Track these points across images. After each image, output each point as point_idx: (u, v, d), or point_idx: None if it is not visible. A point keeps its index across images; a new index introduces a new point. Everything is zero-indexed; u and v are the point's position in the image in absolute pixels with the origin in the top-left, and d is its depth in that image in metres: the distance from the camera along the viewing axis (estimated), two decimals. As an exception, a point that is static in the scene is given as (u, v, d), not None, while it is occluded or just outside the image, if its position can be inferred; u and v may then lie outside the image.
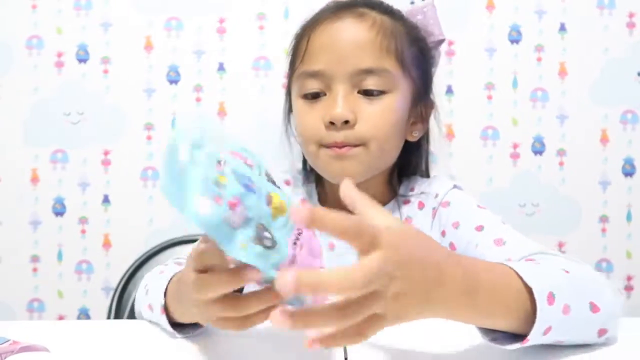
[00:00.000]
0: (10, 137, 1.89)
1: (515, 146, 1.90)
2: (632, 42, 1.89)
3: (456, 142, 1.90)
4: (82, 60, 1.90)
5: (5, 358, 0.63)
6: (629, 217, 1.91)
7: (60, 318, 1.89)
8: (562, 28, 1.90)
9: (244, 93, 1.87)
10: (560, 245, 1.90)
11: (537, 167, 1.90)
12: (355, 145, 0.88)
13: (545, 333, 0.65)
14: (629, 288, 1.90)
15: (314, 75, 0.88)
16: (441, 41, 0.98)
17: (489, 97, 1.90)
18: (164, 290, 0.74)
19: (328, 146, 0.89)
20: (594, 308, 0.69)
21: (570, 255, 0.78)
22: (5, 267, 1.90)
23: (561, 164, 1.90)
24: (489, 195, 1.88)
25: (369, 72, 0.87)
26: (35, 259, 1.90)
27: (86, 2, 1.89)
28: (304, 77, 0.89)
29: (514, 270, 0.64)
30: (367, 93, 0.89)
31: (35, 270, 1.90)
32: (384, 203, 0.99)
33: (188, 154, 0.52)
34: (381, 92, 0.89)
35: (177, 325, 0.74)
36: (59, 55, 1.89)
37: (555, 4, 1.89)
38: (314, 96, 0.89)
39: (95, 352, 0.71)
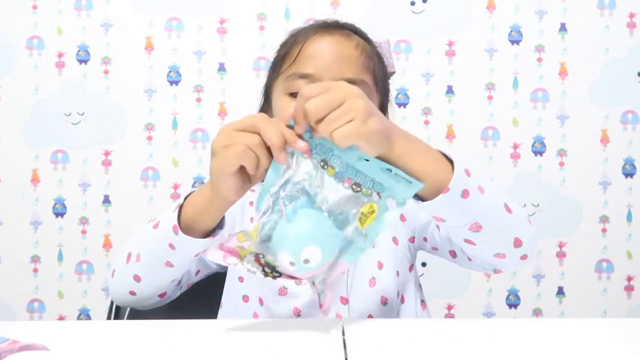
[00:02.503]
0: (10, 138, 1.89)
1: (515, 146, 1.90)
2: (632, 43, 1.89)
3: (456, 142, 1.90)
4: (83, 60, 1.90)
5: (4, 357, 0.63)
6: (629, 218, 1.90)
7: (61, 318, 1.89)
8: (563, 28, 1.90)
9: (244, 93, 1.87)
10: (561, 245, 1.90)
11: (538, 167, 1.90)
12: None
13: (464, 196, 0.77)
14: (629, 288, 1.90)
15: (304, 76, 0.96)
16: (392, 73, 1.09)
17: (490, 98, 1.90)
18: (185, 196, 0.86)
19: None
20: (507, 208, 0.82)
21: None
22: (6, 268, 1.90)
23: (561, 164, 1.90)
24: (490, 195, 1.88)
25: (352, 81, 0.94)
26: (35, 259, 1.90)
27: (87, 3, 1.89)
28: (293, 78, 0.97)
29: (439, 151, 0.80)
30: None
31: (35, 270, 1.90)
32: None
33: None
34: None
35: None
36: (60, 55, 1.90)
37: (555, 5, 1.89)
38: None
39: (95, 352, 0.71)
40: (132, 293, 0.91)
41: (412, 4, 1.89)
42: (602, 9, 1.89)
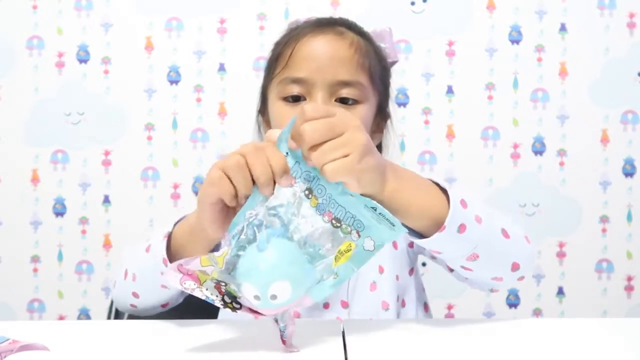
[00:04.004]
0: (10, 137, 1.89)
1: (515, 146, 1.90)
2: (632, 42, 1.89)
3: (456, 142, 1.90)
4: (83, 60, 1.90)
5: (4, 357, 0.63)
6: (629, 218, 1.90)
7: (61, 318, 1.89)
8: (563, 28, 1.90)
9: (244, 93, 1.87)
10: (561, 245, 1.90)
11: (538, 167, 1.90)
12: None
13: (460, 231, 0.74)
14: (629, 288, 1.90)
15: (297, 81, 0.95)
16: (394, 62, 1.08)
17: (490, 98, 1.90)
18: (175, 222, 0.83)
19: None
20: (504, 233, 0.80)
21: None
22: (6, 267, 1.90)
23: (562, 164, 1.90)
24: (490, 195, 1.88)
25: (346, 83, 0.95)
26: (35, 259, 1.90)
27: (87, 3, 1.89)
28: (286, 82, 0.96)
29: (433, 182, 0.78)
30: (343, 101, 0.96)
31: (35, 270, 1.90)
32: None
33: None
34: (355, 102, 0.97)
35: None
36: (60, 55, 1.90)
37: (555, 5, 1.89)
38: (295, 99, 0.96)
39: (95, 352, 0.71)
40: (133, 305, 0.91)
41: (412, 4, 1.89)
42: (602, 9, 1.89)
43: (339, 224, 0.67)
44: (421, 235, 0.76)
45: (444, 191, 0.76)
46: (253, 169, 0.66)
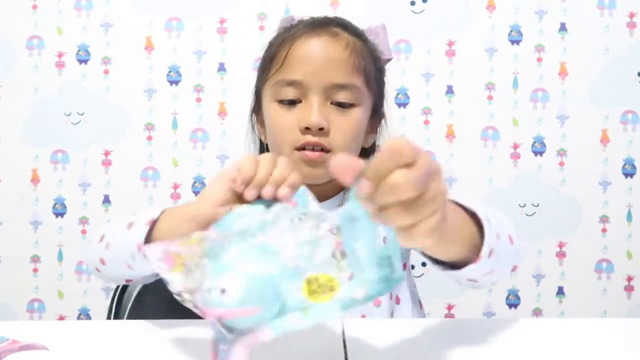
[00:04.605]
0: (10, 137, 1.89)
1: (515, 146, 1.90)
2: (633, 42, 1.89)
3: (456, 142, 1.90)
4: (83, 60, 1.90)
5: (4, 357, 0.63)
6: (629, 218, 1.90)
7: (61, 318, 1.89)
8: (563, 28, 1.90)
9: (244, 93, 1.86)
10: (561, 245, 1.90)
11: (538, 167, 1.90)
12: (327, 151, 0.96)
13: (489, 255, 0.70)
14: (629, 288, 1.90)
15: (292, 84, 0.95)
16: (388, 60, 1.07)
17: (490, 98, 1.90)
18: (162, 209, 0.80)
19: (300, 149, 0.96)
20: (510, 240, 0.76)
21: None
22: (6, 267, 1.90)
23: (561, 164, 1.90)
24: (490, 195, 1.88)
25: (341, 87, 0.95)
26: (35, 259, 1.90)
27: (87, 3, 1.89)
28: (281, 84, 0.96)
29: (457, 203, 0.70)
30: (338, 104, 0.96)
31: (35, 270, 1.90)
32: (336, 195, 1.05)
33: None
34: (351, 105, 0.97)
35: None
36: (60, 55, 1.90)
37: (555, 4, 1.89)
38: (290, 102, 0.96)
39: (95, 352, 0.71)
40: (98, 270, 0.89)
41: (412, 4, 1.89)
42: (602, 9, 1.89)
43: (342, 259, 0.58)
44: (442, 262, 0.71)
45: (466, 210, 0.70)
46: (259, 170, 0.67)
